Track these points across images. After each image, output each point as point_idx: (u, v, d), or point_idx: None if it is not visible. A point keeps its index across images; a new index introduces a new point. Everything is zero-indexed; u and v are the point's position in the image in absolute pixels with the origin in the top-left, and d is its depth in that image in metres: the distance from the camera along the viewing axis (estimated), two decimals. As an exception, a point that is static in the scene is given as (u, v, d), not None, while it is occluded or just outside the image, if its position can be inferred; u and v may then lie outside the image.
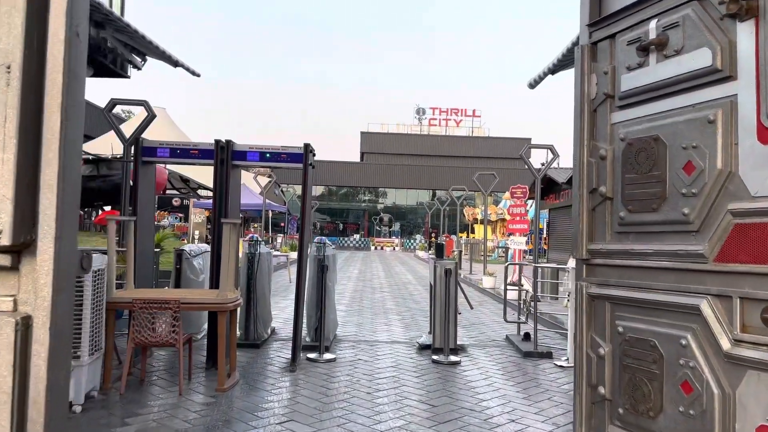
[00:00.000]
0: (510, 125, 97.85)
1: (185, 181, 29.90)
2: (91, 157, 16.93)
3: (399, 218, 65.52)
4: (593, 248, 3.08)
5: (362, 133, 69.32)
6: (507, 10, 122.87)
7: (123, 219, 6.11)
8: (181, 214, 33.29)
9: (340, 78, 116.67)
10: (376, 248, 47.78)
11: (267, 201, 24.85)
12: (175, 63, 7.51)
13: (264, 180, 21.30)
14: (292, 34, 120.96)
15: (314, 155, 6.56)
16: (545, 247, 31.96)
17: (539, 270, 7.68)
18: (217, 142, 6.22)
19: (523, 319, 8.09)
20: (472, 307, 7.73)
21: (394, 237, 55.47)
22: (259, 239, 7.54)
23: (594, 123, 3.15)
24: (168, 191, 28.60)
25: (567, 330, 7.04)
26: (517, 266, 10.61)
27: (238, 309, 7.39)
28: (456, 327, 7.23)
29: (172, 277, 7.32)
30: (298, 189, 61.26)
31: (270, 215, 24.59)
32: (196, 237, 26.83)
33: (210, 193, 28.71)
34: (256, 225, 41.92)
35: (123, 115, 30.76)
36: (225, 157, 6.21)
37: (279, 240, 29.90)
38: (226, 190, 6.21)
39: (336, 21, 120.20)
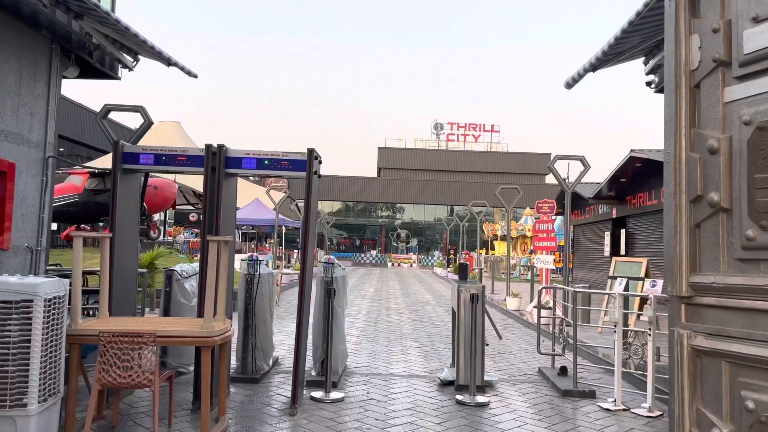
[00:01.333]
0: (529, 141, 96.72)
1: (199, 196, 29.36)
2: (96, 170, 16.38)
3: (416, 234, 64.55)
4: (699, 282, 2.15)
5: (379, 148, 68.67)
6: (524, 28, 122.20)
7: (93, 235, 5.29)
8: (197, 230, 32.65)
9: (355, 92, 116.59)
10: (393, 264, 46.83)
11: (281, 216, 24.11)
12: (169, 62, 6.74)
13: (278, 195, 20.55)
14: (309, 48, 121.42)
15: (320, 162, 5.71)
16: (570, 265, 30.62)
17: (573, 294, 6.71)
18: (208, 147, 5.40)
19: (558, 350, 7.10)
20: (501, 338, 6.78)
21: (411, 253, 54.49)
22: (260, 258, 6.66)
23: (697, 103, 2.24)
24: (180, 206, 28.12)
25: (613, 366, 6.04)
26: (552, 290, 9.60)
27: (234, 339, 6.52)
28: (483, 361, 6.28)
29: (161, 302, 6.49)
30: (301, 203, 60.84)
31: (284, 231, 23.80)
32: (209, 253, 26.09)
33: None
34: (271, 241, 41.34)
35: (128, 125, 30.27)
36: (217, 164, 5.38)
37: (294, 257, 29.11)
38: (218, 202, 5.37)
39: (351, 35, 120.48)
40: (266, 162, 5.48)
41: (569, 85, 6.59)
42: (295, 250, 36.13)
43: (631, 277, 9.79)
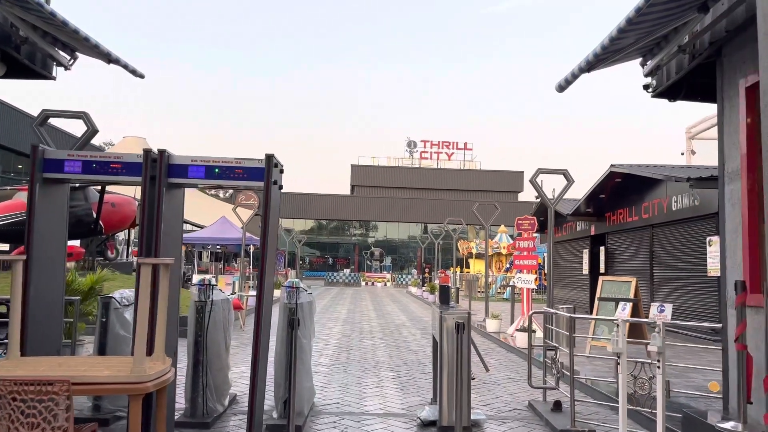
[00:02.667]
0: (502, 159, 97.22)
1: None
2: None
3: (390, 252, 63.89)
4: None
5: (353, 166, 68.07)
6: (498, 45, 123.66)
7: (4, 258, 4.41)
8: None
9: (328, 109, 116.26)
10: (367, 284, 45.91)
11: (249, 235, 23.15)
12: (109, 59, 5.92)
13: (246, 213, 19.63)
14: (281, 64, 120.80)
15: (282, 171, 4.93)
16: (545, 283, 30.19)
17: (569, 320, 6.02)
18: (147, 152, 4.58)
19: (551, 381, 6.37)
20: (488, 370, 6.03)
21: (385, 272, 53.69)
22: (213, 283, 5.81)
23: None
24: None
25: (613, 401, 5.33)
26: (541, 314, 8.84)
27: (183, 376, 5.66)
28: (470, 398, 5.51)
29: (96, 335, 5.58)
30: (284, 222, 59.52)
31: (252, 250, 22.82)
32: (174, 274, 24.92)
33: (194, 227, 26.92)
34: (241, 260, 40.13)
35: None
36: (158, 172, 4.55)
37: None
38: (158, 217, 4.53)
39: (324, 51, 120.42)
40: (216, 170, 4.68)
41: (561, 88, 5.95)
42: (281, 270, 35.03)
43: (620, 299, 9.16)
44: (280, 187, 5.01)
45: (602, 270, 18.12)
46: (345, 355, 10.10)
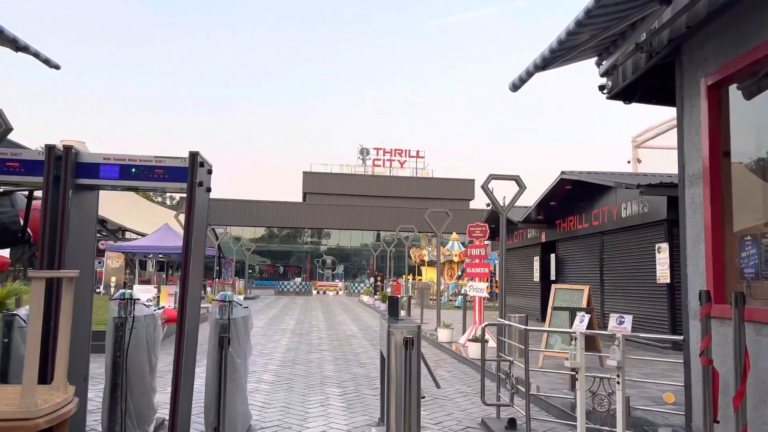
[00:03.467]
0: (454, 167, 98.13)
1: (102, 222, 26.91)
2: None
3: (343, 260, 63.25)
4: None
5: (304, 173, 67.25)
6: (447, 53, 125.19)
7: None
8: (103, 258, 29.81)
9: (277, 116, 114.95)
10: (318, 292, 45.18)
11: (193, 243, 22.24)
12: (17, 47, 5.27)
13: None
14: (231, 66, 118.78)
15: (210, 172, 4.41)
16: (496, 290, 30.31)
17: (524, 333, 5.69)
18: (50, 148, 3.98)
19: (505, 397, 6.01)
20: (438, 386, 5.62)
21: (337, 280, 53.01)
22: (134, 296, 5.22)
23: None
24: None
25: (571, 419, 5.00)
26: (493, 325, 8.53)
27: (100, 402, 5.04)
28: (419, 420, 5.08)
29: (-4, 357, 4.89)
30: (233, 230, 58.12)
31: (196, 259, 21.88)
32: (112, 284, 23.77)
33: (134, 235, 25.71)
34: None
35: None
36: (63, 171, 3.96)
37: (210, 287, 27.07)
38: (62, 224, 3.94)
39: (272, 57, 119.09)
40: (133, 170, 4.12)
41: (515, 87, 5.63)
42: (215, 279, 33.88)
43: (574, 308, 8.95)
44: (208, 190, 4.49)
45: (553, 277, 18.11)
46: (290, 371, 9.53)
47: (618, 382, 4.76)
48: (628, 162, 26.23)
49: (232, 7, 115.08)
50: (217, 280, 33.57)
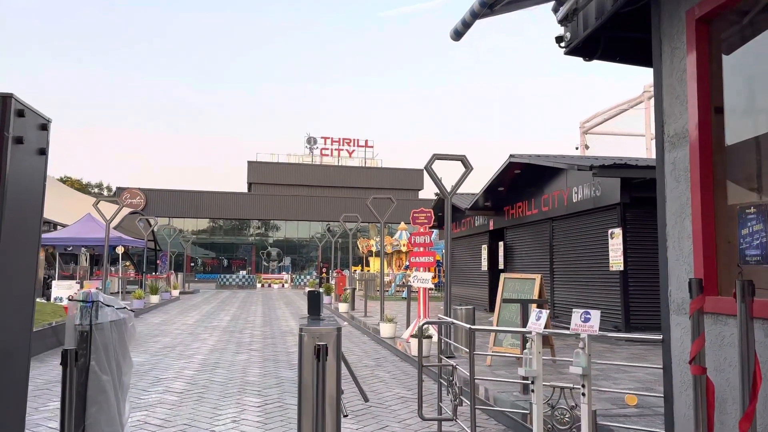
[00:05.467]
0: (402, 158, 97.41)
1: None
2: None
3: (291, 252, 61.64)
4: None
5: (249, 162, 65.16)
6: (394, 47, 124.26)
7: None
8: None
9: (221, 104, 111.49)
10: (263, 285, 43.61)
11: (119, 234, 20.51)
12: None
13: (109, 208, 17.11)
14: (174, 51, 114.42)
15: (45, 128, 3.20)
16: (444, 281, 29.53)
17: (469, 333, 4.72)
18: None
19: (448, 409, 5.04)
20: (366, 399, 4.59)
21: (284, 273, 51.45)
22: (100, 296, 3.98)
23: None
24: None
25: (525, 430, 4.06)
26: (435, 324, 7.51)
27: None
28: (338, 447, 4.04)
29: None
30: (175, 222, 55.72)
31: (122, 251, 20.21)
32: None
33: (55, 227, 23.65)
34: (128, 264, 36.45)
35: None
36: None
37: (150, 281, 25.17)
38: None
39: (218, 47, 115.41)
40: None
41: (457, 34, 4.62)
42: (153, 273, 31.95)
43: (525, 300, 8.08)
44: (42, 152, 3.28)
45: (501, 266, 17.42)
46: (207, 377, 8.33)
47: (583, 394, 3.85)
48: (576, 148, 25.95)
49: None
50: (156, 274, 31.69)
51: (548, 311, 3.91)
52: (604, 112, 24.42)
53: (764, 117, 3.24)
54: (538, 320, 4.05)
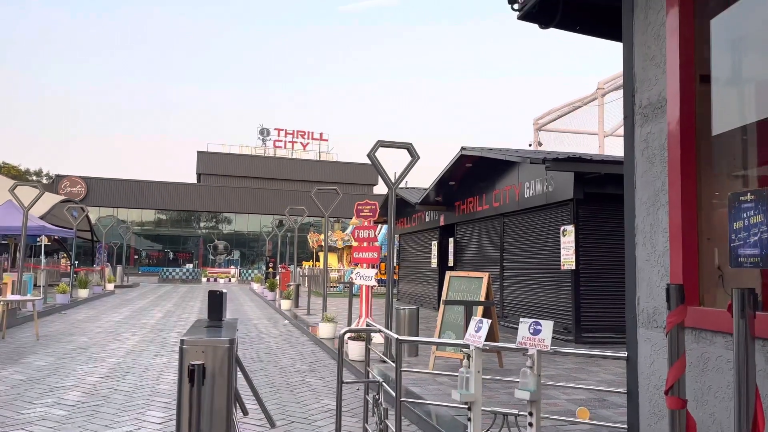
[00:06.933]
0: (357, 153, 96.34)
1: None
2: None
3: (241, 246, 59.92)
4: None
5: (199, 152, 63.08)
6: (354, 42, 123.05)
7: None
8: None
9: (174, 96, 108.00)
10: (209, 279, 42.03)
11: (41, 223, 18.97)
12: None
13: (27, 192, 15.65)
14: (120, 38, 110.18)
15: None
16: (395, 278, 29.04)
17: (398, 346, 3.96)
18: None
19: (373, 432, 4.25)
20: (273, 425, 3.76)
21: (232, 267, 49.79)
22: None
23: None
24: None
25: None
26: (356, 332, 6.69)
27: None
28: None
29: None
30: (119, 212, 53.45)
31: (44, 241, 18.69)
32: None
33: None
34: (65, 258, 34.36)
35: None
36: None
37: (83, 274, 23.50)
38: None
39: (173, 27, 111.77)
40: None
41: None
42: (95, 266, 30.18)
43: (469, 302, 7.39)
44: None
45: (451, 263, 16.81)
46: (113, 384, 7.32)
47: (530, 423, 3.12)
48: (530, 145, 25.60)
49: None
50: (97, 266, 29.88)
51: (490, 321, 3.15)
52: (557, 109, 24.14)
53: (760, 89, 2.56)
54: (477, 331, 3.29)
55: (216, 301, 4.29)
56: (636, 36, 3.05)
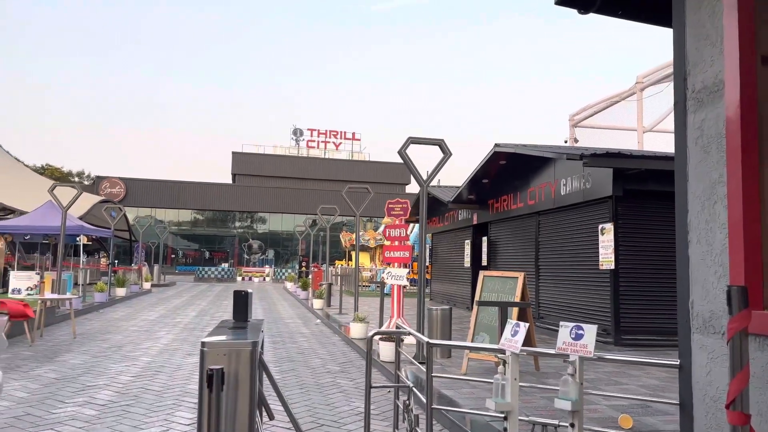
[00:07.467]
0: (391, 152, 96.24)
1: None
2: None
3: (275, 245, 60.40)
4: None
5: (234, 153, 63.85)
6: (386, 41, 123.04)
7: None
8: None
9: (208, 96, 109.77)
10: (244, 278, 42.48)
11: (80, 223, 19.35)
12: None
13: (68, 193, 15.95)
14: (157, 43, 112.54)
15: None
16: (427, 277, 28.82)
17: (428, 348, 3.77)
18: None
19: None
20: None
21: (266, 266, 50.19)
22: None
23: None
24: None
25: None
26: (386, 334, 6.48)
27: None
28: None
29: None
30: (157, 212, 54.42)
31: (81, 241, 19.05)
32: (-11, 270, 20.47)
33: (11, 213, 22.44)
34: (104, 255, 35.15)
35: None
36: None
37: (120, 273, 23.95)
38: None
39: (205, 31, 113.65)
40: None
41: None
42: (133, 266, 30.78)
43: (505, 303, 7.13)
44: None
45: (484, 263, 16.50)
46: (144, 384, 7.31)
47: (572, 435, 2.89)
48: (565, 142, 25.03)
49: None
50: (134, 266, 30.46)
51: (528, 325, 2.92)
52: (594, 104, 23.52)
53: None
54: (514, 336, 3.08)
55: (241, 302, 4.18)
56: (688, 14, 2.79)
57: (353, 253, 37.85)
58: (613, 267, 10.22)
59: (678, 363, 2.80)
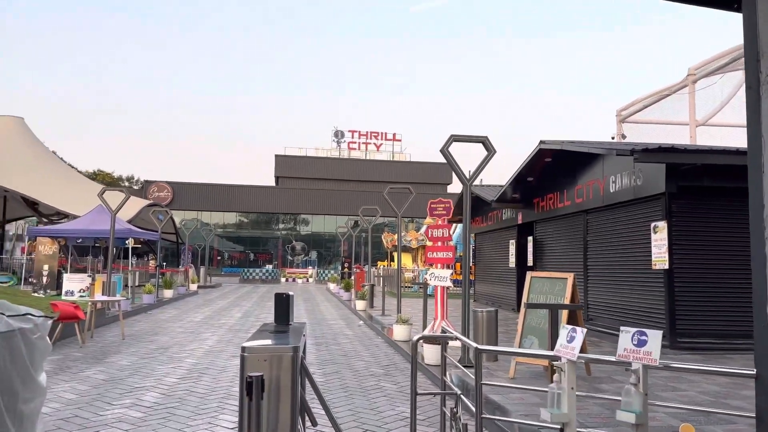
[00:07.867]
0: (432, 152, 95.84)
1: (33, 204, 24.21)
2: None
3: (318, 246, 60.83)
4: None
5: (277, 156, 64.64)
6: (426, 42, 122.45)
7: None
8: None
9: (250, 99, 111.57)
10: (287, 280, 42.89)
11: (128, 227, 19.83)
12: None
13: (116, 197, 16.36)
14: (199, 48, 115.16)
15: None
16: (471, 278, 28.52)
17: (476, 354, 3.59)
18: None
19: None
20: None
21: (310, 267, 50.57)
22: None
23: None
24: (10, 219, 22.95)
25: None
26: (432, 338, 6.28)
27: None
28: None
29: None
30: (203, 215, 55.52)
31: (131, 244, 19.51)
32: (45, 273, 21.23)
33: (65, 218, 23.21)
34: (153, 258, 36.10)
35: None
36: None
37: (168, 275, 24.51)
38: None
39: (245, 37, 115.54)
40: None
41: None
42: (179, 268, 31.45)
43: (555, 306, 6.87)
44: None
45: (530, 263, 16.12)
46: (189, 386, 7.35)
47: (635, 451, 2.67)
48: (612, 138, 24.31)
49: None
50: (181, 268, 31.13)
51: (584, 330, 2.73)
52: (643, 99, 22.76)
53: None
54: (570, 342, 2.88)
55: (282, 305, 4.10)
56: (761, -10, 2.54)
57: (395, 254, 37.78)
58: (667, 267, 9.79)
59: (754, 372, 2.56)
